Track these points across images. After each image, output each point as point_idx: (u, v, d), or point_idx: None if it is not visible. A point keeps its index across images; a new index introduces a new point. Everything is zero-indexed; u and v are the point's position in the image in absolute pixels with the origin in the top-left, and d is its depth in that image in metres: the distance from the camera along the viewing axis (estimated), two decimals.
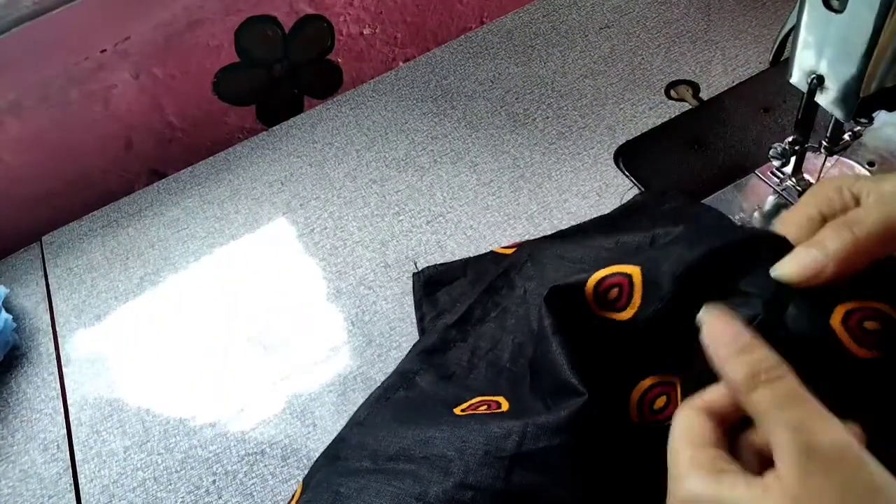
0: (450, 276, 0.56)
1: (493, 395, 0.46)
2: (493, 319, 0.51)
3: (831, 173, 0.56)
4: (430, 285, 0.56)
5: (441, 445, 0.40)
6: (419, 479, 0.39)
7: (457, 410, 0.44)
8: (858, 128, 0.51)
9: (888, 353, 0.34)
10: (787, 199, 0.56)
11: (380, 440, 0.43)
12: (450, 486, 0.38)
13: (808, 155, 0.53)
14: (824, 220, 0.35)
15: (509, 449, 0.38)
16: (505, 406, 0.44)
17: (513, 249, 0.56)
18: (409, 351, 0.52)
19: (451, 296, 0.55)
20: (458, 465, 0.38)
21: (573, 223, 0.58)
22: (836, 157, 0.54)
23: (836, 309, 0.35)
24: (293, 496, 0.45)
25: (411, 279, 0.57)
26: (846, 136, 0.51)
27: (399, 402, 0.48)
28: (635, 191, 0.59)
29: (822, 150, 0.51)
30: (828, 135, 0.50)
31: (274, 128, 0.73)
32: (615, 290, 0.40)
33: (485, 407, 0.44)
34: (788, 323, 0.35)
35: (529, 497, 0.38)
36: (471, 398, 0.46)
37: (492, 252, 0.57)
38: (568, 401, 0.38)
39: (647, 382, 0.40)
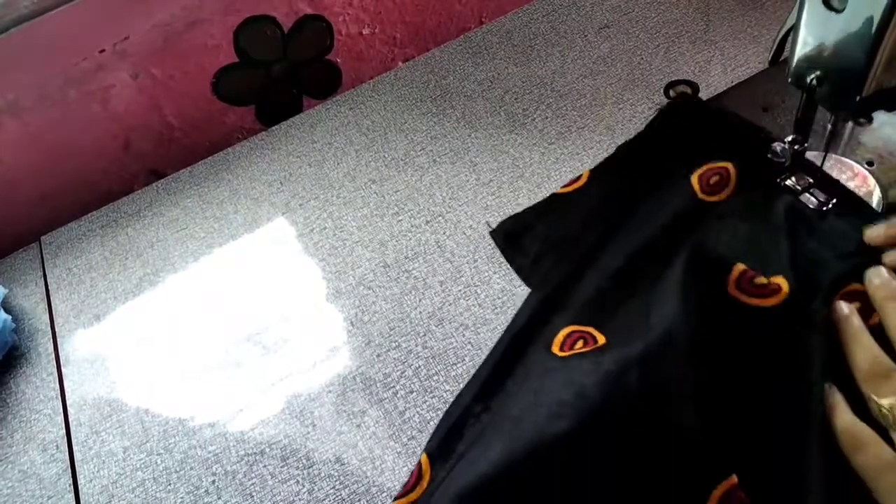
0: (523, 224, 0.58)
1: (586, 325, 0.48)
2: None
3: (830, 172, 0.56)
4: (510, 238, 0.58)
5: (557, 391, 0.41)
6: (540, 424, 0.40)
7: (555, 350, 0.46)
8: (857, 127, 0.51)
9: None
10: None
11: (494, 396, 0.46)
12: (574, 427, 0.39)
13: (807, 154, 0.53)
14: None
15: (631, 386, 0.39)
16: (601, 340, 0.46)
17: (575, 185, 0.58)
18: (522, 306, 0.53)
19: (535, 239, 0.57)
20: (580, 404, 0.39)
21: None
22: (835, 156, 0.54)
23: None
24: (418, 468, 0.46)
25: (490, 236, 0.58)
26: (845, 136, 0.51)
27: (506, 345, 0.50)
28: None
29: (822, 150, 0.51)
30: (827, 134, 0.50)
31: (273, 128, 0.73)
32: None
33: (581, 342, 0.46)
34: None
35: (656, 432, 0.39)
36: (563, 327, 0.48)
37: (553, 195, 0.59)
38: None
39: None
